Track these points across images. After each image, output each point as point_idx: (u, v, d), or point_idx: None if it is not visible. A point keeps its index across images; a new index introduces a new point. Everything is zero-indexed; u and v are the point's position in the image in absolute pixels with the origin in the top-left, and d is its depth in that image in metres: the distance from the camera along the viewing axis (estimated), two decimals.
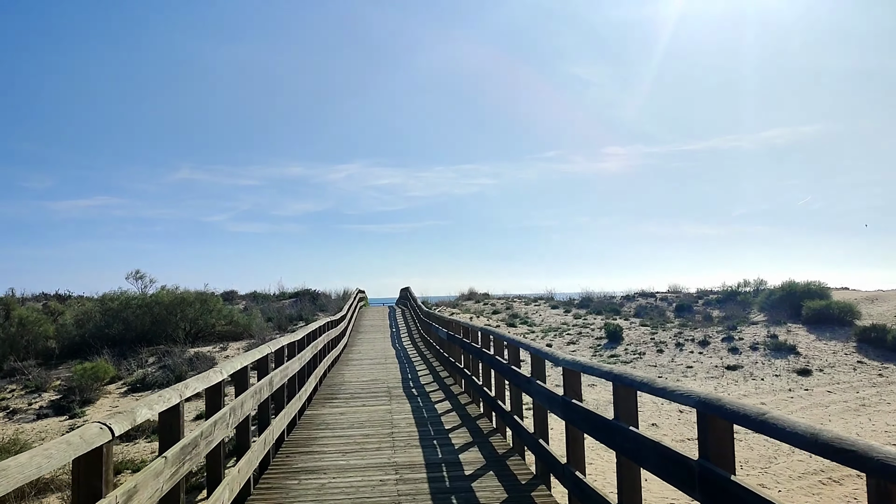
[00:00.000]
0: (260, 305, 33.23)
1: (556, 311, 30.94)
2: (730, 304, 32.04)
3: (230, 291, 38.06)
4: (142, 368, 18.05)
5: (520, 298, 35.46)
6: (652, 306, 32.63)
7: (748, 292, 33.10)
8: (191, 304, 21.14)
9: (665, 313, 31.14)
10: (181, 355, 18.22)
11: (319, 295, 37.00)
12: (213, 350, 19.68)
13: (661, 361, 19.09)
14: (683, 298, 33.86)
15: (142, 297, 21.47)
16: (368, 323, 30.10)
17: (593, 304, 32.49)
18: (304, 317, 27.79)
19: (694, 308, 31.81)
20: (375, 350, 19.73)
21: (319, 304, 33.31)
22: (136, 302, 21.18)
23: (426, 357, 17.77)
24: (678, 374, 17.87)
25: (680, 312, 31.31)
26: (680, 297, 34.66)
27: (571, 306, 31.95)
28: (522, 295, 36.16)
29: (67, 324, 20.83)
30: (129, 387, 16.46)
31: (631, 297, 34.64)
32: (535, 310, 31.19)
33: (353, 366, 15.93)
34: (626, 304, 33.29)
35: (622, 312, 30.76)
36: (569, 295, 36.48)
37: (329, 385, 13.03)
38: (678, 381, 17.30)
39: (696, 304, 32.58)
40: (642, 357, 19.60)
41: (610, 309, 30.88)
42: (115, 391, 16.28)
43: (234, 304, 36.41)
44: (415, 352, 19.54)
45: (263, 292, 38.03)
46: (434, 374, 14.35)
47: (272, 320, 27.13)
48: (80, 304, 22.44)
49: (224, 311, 21.87)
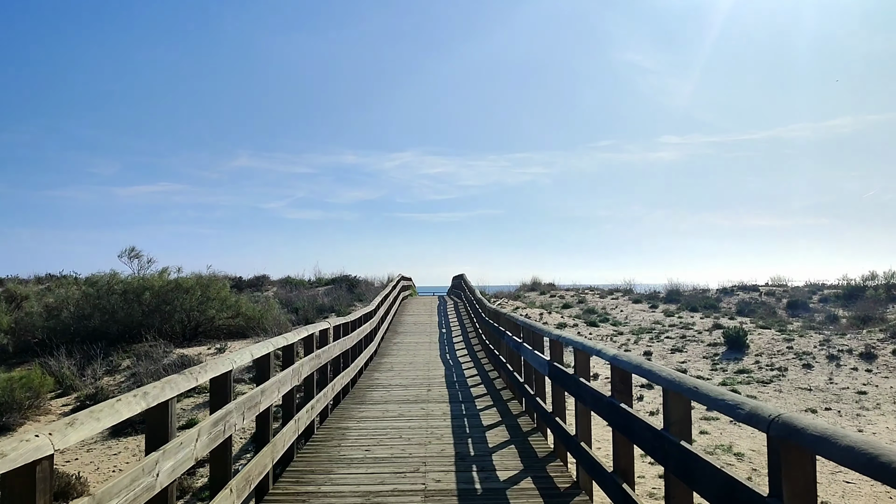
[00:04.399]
0: (291, 293, 28.85)
1: (638, 305, 25.53)
2: (856, 301, 26.10)
3: (261, 276, 33.95)
4: (111, 375, 13.65)
5: (592, 290, 30.10)
6: (756, 302, 26.86)
7: (877, 287, 27.01)
8: (188, 291, 16.69)
9: (775, 311, 25.38)
10: (162, 359, 13.73)
11: (359, 282, 32.42)
12: (206, 351, 15.13)
13: (814, 382, 13.61)
14: (794, 293, 27.93)
15: (127, 282, 17.13)
16: (411, 319, 24.39)
17: (683, 299, 26.94)
18: (336, 308, 23.14)
19: (810, 305, 25.97)
20: (415, 365, 13.78)
21: (357, 293, 28.68)
22: (121, 287, 16.85)
23: (492, 382, 11.65)
24: (850, 403, 12.39)
25: (793, 310, 25.53)
26: (788, 291, 28.72)
27: (657, 300, 26.47)
28: (595, 286, 30.77)
29: (33, 314, 16.64)
30: (80, 402, 12.05)
31: (728, 291, 28.89)
32: (613, 304, 25.83)
33: (372, 406, 9.34)
34: (724, 298, 27.57)
35: (721, 309, 25.18)
36: (649, 286, 30.94)
37: (315, 456, 6.72)
38: (858, 416, 11.86)
39: (812, 301, 26.65)
40: (784, 374, 14.13)
41: (705, 304, 25.33)
42: (59, 409, 11.85)
43: (263, 290, 32.27)
44: (473, 370, 13.32)
45: (297, 278, 33.72)
46: (509, 423, 8.30)
47: (299, 311, 22.60)
48: (67, 287, 18.29)
49: (229, 300, 17.33)
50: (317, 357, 7.80)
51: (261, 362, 5.62)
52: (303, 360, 7.13)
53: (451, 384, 11.38)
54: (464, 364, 14.29)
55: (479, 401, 9.96)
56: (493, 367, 13.41)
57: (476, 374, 12.82)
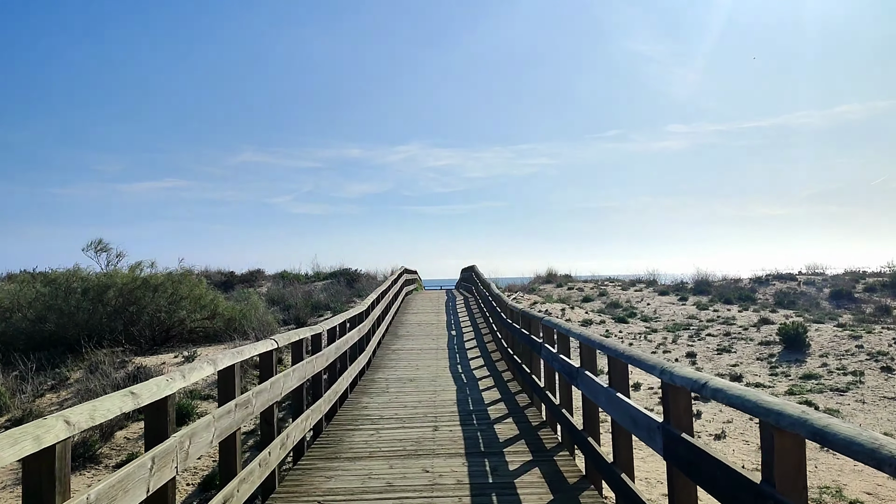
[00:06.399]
0: (285, 289, 26.59)
1: (666, 298, 23.17)
2: None
3: (255, 271, 31.74)
4: (56, 391, 11.45)
5: (612, 281, 27.73)
6: (796, 292, 24.46)
7: None
8: (156, 290, 14.44)
9: (818, 302, 23.00)
10: (117, 370, 11.50)
11: (360, 276, 30.14)
12: (172, 360, 12.86)
13: None
14: (835, 282, 25.50)
15: (87, 279, 14.87)
16: (415, 319, 21.17)
17: (714, 289, 24.55)
18: (332, 305, 20.84)
19: (855, 295, 23.56)
20: (418, 383, 10.74)
21: (357, 289, 26.37)
22: (80, 285, 14.62)
23: (522, 413, 8.44)
24: None
25: (837, 301, 23.14)
26: (828, 280, 26.28)
27: (685, 292, 24.10)
28: (615, 277, 28.40)
29: None
30: (13, 423, 9.80)
31: (763, 281, 26.46)
32: (637, 297, 23.47)
33: (349, 465, 6.15)
34: (759, 288, 25.17)
35: (758, 300, 22.81)
36: (673, 276, 28.55)
37: None
38: None
39: (856, 290, 24.23)
40: (861, 380, 11.75)
41: (740, 296, 22.97)
42: None
43: (256, 286, 30.10)
44: (494, 391, 10.06)
45: (293, 272, 31.46)
46: (548, 466, 5.94)
47: (291, 309, 20.33)
48: (23, 285, 16.06)
49: (204, 299, 15.03)
50: (246, 404, 4.73)
51: None
52: (214, 413, 4.25)
53: (467, 417, 8.25)
54: (481, 381, 11.16)
55: (510, 452, 6.50)
56: (519, 388, 10.21)
57: (499, 399, 9.48)
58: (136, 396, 3.04)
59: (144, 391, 3.16)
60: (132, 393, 3.00)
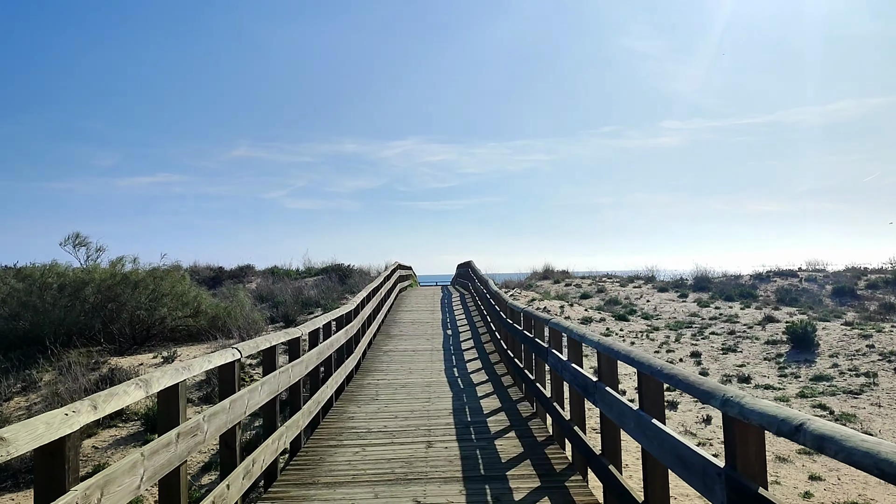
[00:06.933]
0: (275, 285, 25.95)
1: (665, 294, 22.64)
2: None
3: (244, 267, 31.04)
4: (25, 394, 10.80)
5: (610, 277, 27.18)
6: (797, 289, 23.97)
7: None
8: (136, 286, 13.77)
9: (821, 299, 22.49)
10: (90, 372, 10.85)
11: (353, 272, 29.47)
12: (151, 361, 12.21)
13: None
14: (837, 279, 25.00)
15: (64, 274, 14.18)
16: (409, 317, 20.33)
17: (714, 286, 24.01)
18: (322, 302, 20.20)
19: (858, 292, 23.06)
20: (410, 389, 9.95)
21: (350, 284, 25.72)
22: (56, 281, 13.93)
23: (525, 423, 7.73)
24: None
25: (840, 298, 22.64)
26: (829, 277, 25.79)
27: (685, 288, 23.55)
28: (613, 273, 27.83)
29: None
30: None
31: (764, 277, 25.94)
32: (636, 293, 22.93)
33: (328, 492, 5.31)
34: (760, 285, 24.64)
35: (759, 297, 22.28)
36: (672, 273, 28.00)
37: None
38: None
39: (858, 287, 23.73)
40: (875, 382, 11.19)
41: (741, 293, 22.43)
42: None
43: (245, 282, 29.43)
44: (494, 398, 9.34)
45: (284, 268, 30.79)
46: (560, 496, 5.09)
47: (279, 306, 19.68)
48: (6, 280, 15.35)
49: (186, 296, 14.36)
50: (193, 432, 3.89)
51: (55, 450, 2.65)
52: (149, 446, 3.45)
53: (464, 430, 7.43)
54: (479, 387, 10.36)
55: (514, 476, 5.70)
56: (521, 395, 9.47)
57: (500, 408, 8.69)
58: (4, 443, 2.20)
59: (23, 433, 2.31)
60: (1, 439, 2.19)
